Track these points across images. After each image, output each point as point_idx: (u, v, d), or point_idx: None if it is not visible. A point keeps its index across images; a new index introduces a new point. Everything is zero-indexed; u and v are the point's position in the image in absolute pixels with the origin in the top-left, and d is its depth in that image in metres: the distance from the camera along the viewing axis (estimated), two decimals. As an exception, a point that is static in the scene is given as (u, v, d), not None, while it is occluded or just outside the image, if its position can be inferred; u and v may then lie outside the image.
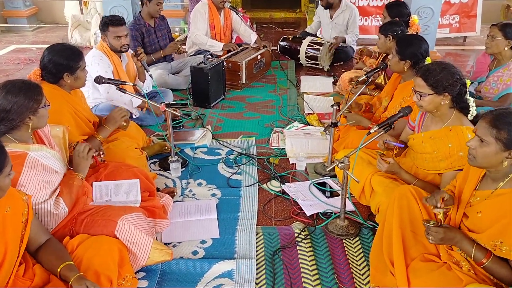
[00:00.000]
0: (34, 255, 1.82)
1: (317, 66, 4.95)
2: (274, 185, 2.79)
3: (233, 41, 5.10)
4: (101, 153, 2.28)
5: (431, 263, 1.87)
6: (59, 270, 1.72)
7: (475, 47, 5.97)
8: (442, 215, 1.74)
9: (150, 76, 3.39)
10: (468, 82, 2.19)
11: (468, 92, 2.19)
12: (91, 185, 2.29)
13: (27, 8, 7.01)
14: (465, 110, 2.21)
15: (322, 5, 5.08)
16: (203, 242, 2.28)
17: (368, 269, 2.07)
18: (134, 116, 3.37)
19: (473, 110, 2.15)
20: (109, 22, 3.20)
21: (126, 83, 2.83)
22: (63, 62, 2.39)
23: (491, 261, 1.68)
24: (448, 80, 2.11)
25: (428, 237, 1.74)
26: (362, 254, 2.21)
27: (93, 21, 5.94)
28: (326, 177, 2.85)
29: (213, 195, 2.69)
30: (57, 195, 2.00)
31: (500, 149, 1.64)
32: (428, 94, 2.14)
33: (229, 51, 4.62)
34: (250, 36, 4.81)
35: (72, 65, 2.41)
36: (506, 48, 3.18)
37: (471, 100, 2.21)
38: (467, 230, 1.79)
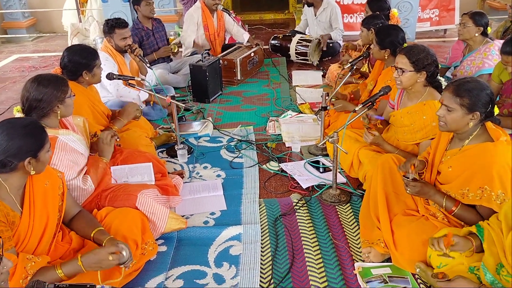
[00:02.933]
0: (68, 225, 2.10)
1: (307, 62, 5.26)
2: (272, 165, 3.09)
3: (227, 41, 5.40)
4: (116, 138, 2.57)
5: (411, 216, 2.19)
6: (92, 234, 2.00)
7: (455, 39, 6.25)
8: (412, 178, 2.03)
9: (150, 68, 3.66)
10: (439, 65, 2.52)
11: (444, 77, 2.52)
12: (109, 168, 2.58)
13: (26, 19, 7.27)
14: (438, 88, 2.53)
15: (304, 2, 5.39)
16: (212, 213, 2.57)
17: (358, 228, 2.37)
18: (140, 108, 3.66)
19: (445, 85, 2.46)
20: (115, 25, 3.49)
21: (134, 78, 3.12)
22: (82, 61, 2.70)
23: (460, 209, 1.99)
24: (427, 59, 2.43)
25: (406, 189, 2.04)
26: (353, 217, 2.51)
27: (92, 28, 6.21)
28: (319, 156, 3.15)
29: (218, 176, 2.99)
30: (85, 174, 2.29)
31: (464, 113, 1.94)
32: (409, 71, 2.45)
33: (223, 49, 4.90)
34: (243, 36, 5.11)
35: (90, 63, 2.72)
36: (476, 34, 3.51)
37: (442, 80, 2.54)
38: (440, 184, 2.10)
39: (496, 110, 1.98)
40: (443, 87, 2.51)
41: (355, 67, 3.36)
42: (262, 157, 3.21)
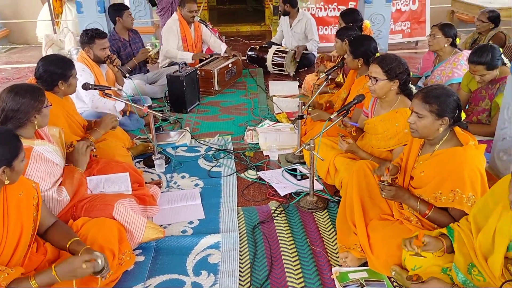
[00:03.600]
0: (43, 236, 2.06)
1: (283, 73, 5.33)
2: (250, 174, 3.11)
3: (204, 52, 5.43)
4: (93, 148, 2.55)
5: (386, 221, 2.24)
6: (68, 245, 1.97)
7: (427, 50, 6.46)
8: (387, 182, 2.09)
9: (130, 78, 3.65)
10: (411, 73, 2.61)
11: (416, 87, 2.61)
12: (85, 178, 2.55)
13: (-2, 30, 7.16)
14: (410, 96, 2.61)
15: (280, 12, 5.48)
16: (190, 222, 2.57)
17: (335, 234, 2.40)
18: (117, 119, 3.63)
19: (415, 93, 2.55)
20: (96, 35, 3.48)
21: (111, 88, 3.11)
22: (57, 70, 2.68)
23: (433, 212, 2.05)
24: (399, 68, 2.51)
25: (381, 193, 2.09)
26: (330, 223, 2.55)
27: (67, 39, 6.15)
28: (297, 164, 3.19)
29: (196, 185, 2.99)
30: (60, 185, 2.26)
31: (434, 118, 2.02)
32: (382, 80, 2.52)
33: (201, 60, 4.94)
34: (220, 47, 5.16)
35: (66, 73, 2.71)
36: (445, 45, 3.64)
37: (413, 88, 2.63)
38: (413, 189, 2.16)
39: (463, 115, 2.06)
40: (414, 94, 2.60)
41: (330, 77, 3.44)
42: (240, 166, 3.23)
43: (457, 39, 3.71)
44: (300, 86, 4.91)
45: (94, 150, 2.55)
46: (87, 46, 3.50)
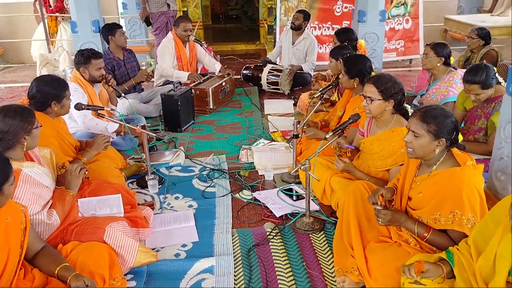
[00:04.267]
0: (31, 262, 2.00)
1: (278, 91, 5.33)
2: (245, 194, 3.06)
3: (199, 71, 5.43)
4: (85, 171, 2.50)
5: (384, 243, 2.18)
6: (56, 271, 1.90)
7: (420, 68, 6.53)
8: (381, 206, 2.06)
9: (124, 97, 3.63)
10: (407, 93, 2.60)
11: (411, 105, 2.60)
12: (76, 201, 2.49)
13: (-7, 49, 7.14)
14: (405, 116, 2.60)
15: (291, 27, 5.47)
16: (184, 245, 2.51)
17: (332, 257, 2.34)
18: (111, 139, 3.59)
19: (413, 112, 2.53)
20: (92, 56, 3.48)
21: (104, 108, 3.07)
22: (51, 91, 2.65)
23: (432, 234, 2.01)
24: (394, 88, 2.50)
25: (378, 219, 2.05)
26: (327, 245, 2.49)
27: (61, 59, 6.13)
28: (292, 184, 3.14)
29: (190, 206, 2.93)
30: (50, 208, 2.20)
31: (431, 139, 1.99)
32: (377, 99, 2.51)
33: (194, 80, 4.93)
34: (215, 66, 5.16)
35: (59, 94, 2.68)
36: (438, 64, 3.65)
37: (408, 107, 2.61)
38: (412, 210, 2.12)
39: (460, 138, 2.04)
40: (409, 114, 2.58)
41: (325, 95, 3.42)
42: (235, 186, 3.18)
43: (451, 58, 3.72)
44: (295, 105, 4.90)
45: (87, 172, 2.50)
46: (82, 66, 3.48)
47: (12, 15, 7.29)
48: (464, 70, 3.70)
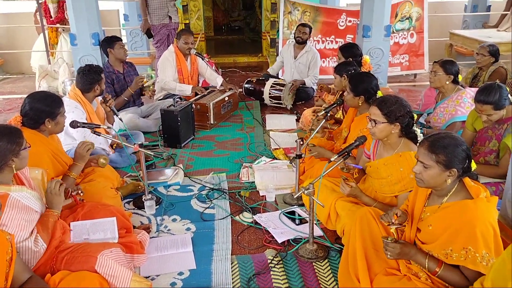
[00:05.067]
0: (16, 294, 1.88)
1: (281, 106, 5.22)
2: (246, 217, 2.93)
3: (200, 85, 5.33)
4: (79, 192, 2.38)
5: (393, 276, 2.05)
6: (43, 305, 1.78)
7: (425, 83, 6.44)
8: (394, 229, 1.94)
9: (120, 119, 3.54)
10: (415, 115, 2.48)
11: (417, 123, 2.48)
12: (69, 225, 2.37)
13: (-8, 59, 7.07)
14: (414, 140, 2.48)
15: (296, 39, 5.39)
16: (180, 273, 2.38)
17: (337, 288, 2.22)
18: (109, 155, 3.48)
19: (420, 140, 2.41)
20: (100, 71, 3.46)
21: (100, 126, 2.97)
22: (45, 108, 2.54)
23: (443, 269, 1.88)
24: (400, 111, 2.38)
25: (386, 253, 1.93)
26: (331, 275, 2.36)
27: (61, 71, 6.05)
28: (295, 206, 3.02)
29: (188, 229, 2.80)
30: (36, 233, 2.07)
31: (441, 170, 1.87)
32: (382, 122, 2.39)
33: (196, 93, 4.83)
34: (216, 80, 5.06)
35: (53, 111, 2.57)
36: (447, 82, 3.54)
37: (418, 131, 2.49)
38: (421, 243, 1.99)
39: (474, 166, 1.92)
40: (418, 138, 2.47)
41: (329, 114, 3.31)
42: (235, 208, 3.05)
43: (460, 76, 3.61)
44: (297, 120, 4.79)
45: (81, 194, 2.37)
46: (96, 84, 3.42)
47: (12, 26, 7.22)
48: (473, 89, 3.62)
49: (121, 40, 4.42)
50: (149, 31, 5.78)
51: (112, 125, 3.71)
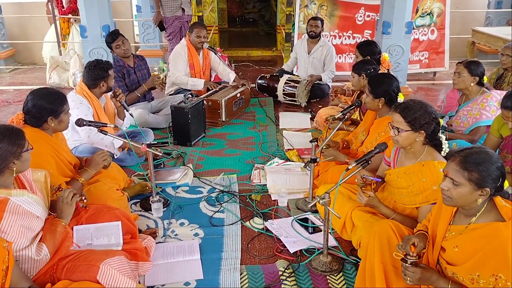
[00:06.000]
0: (14, 305, 1.78)
1: (295, 103, 5.07)
2: (257, 222, 2.81)
3: (212, 79, 5.20)
4: (83, 198, 2.27)
5: (413, 297, 1.91)
6: (40, 319, 1.69)
7: (445, 82, 6.23)
8: (410, 262, 1.79)
9: (131, 115, 3.43)
10: (441, 121, 2.32)
11: (441, 128, 2.31)
12: (72, 229, 2.27)
13: (4, 50, 6.98)
14: (438, 147, 2.31)
15: (309, 34, 5.23)
16: (186, 284, 2.27)
17: (353, 305, 2.09)
18: (115, 157, 3.37)
19: (445, 148, 2.26)
20: (109, 67, 3.33)
21: (107, 125, 2.85)
22: (48, 106, 2.43)
23: (468, 296, 1.73)
24: (425, 118, 2.22)
25: (405, 278, 1.79)
26: (346, 290, 2.23)
27: (72, 62, 5.97)
28: (308, 213, 2.88)
29: (196, 234, 2.69)
30: (40, 241, 1.98)
31: (473, 188, 1.71)
32: (406, 130, 2.24)
33: (208, 89, 4.70)
34: (229, 75, 4.92)
35: (57, 109, 2.46)
36: (472, 84, 3.35)
37: (443, 138, 2.32)
38: (446, 263, 1.84)
39: (506, 184, 1.76)
40: (443, 146, 2.31)
41: (346, 116, 3.16)
42: (246, 212, 2.93)
43: (485, 77, 3.42)
44: (312, 119, 4.63)
45: (85, 200, 2.27)
46: (102, 80, 3.29)
47: (24, 16, 7.15)
48: (499, 92, 3.43)
49: (120, 37, 4.21)
50: (162, 23, 5.65)
51: (123, 120, 3.61)
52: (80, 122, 2.77)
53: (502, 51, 4.20)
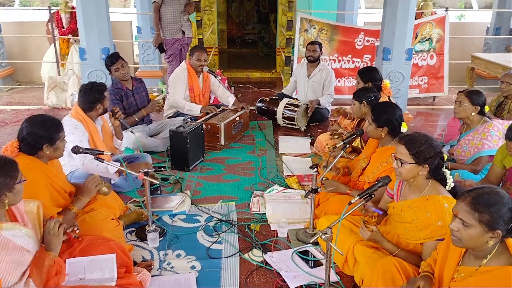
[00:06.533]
0: None
1: (294, 127, 5.04)
2: (256, 255, 2.73)
3: (211, 101, 5.17)
4: (75, 229, 2.20)
5: None
6: None
7: (444, 107, 6.22)
8: None
9: (131, 131, 3.38)
10: (445, 156, 2.27)
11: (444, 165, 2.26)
12: (65, 261, 2.19)
13: (3, 69, 6.94)
14: (442, 181, 2.26)
15: (307, 59, 5.22)
16: (182, 321, 2.18)
17: None
18: (112, 182, 3.31)
19: (450, 182, 2.21)
20: (105, 88, 3.27)
21: (104, 153, 2.79)
22: (43, 133, 2.39)
23: None
24: (429, 152, 2.18)
25: None
26: (348, 330, 2.14)
27: (70, 82, 5.94)
28: (309, 245, 2.80)
29: (193, 267, 2.60)
30: (27, 276, 1.89)
31: (484, 230, 1.66)
32: (409, 163, 2.19)
33: (207, 113, 4.66)
34: (228, 99, 4.90)
35: (52, 136, 2.42)
36: (473, 113, 3.32)
37: (447, 173, 2.27)
38: (453, 306, 1.77)
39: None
40: (447, 181, 2.25)
41: (347, 146, 3.11)
42: (244, 243, 2.85)
43: (486, 107, 3.39)
44: (312, 144, 4.59)
45: (77, 231, 2.19)
46: (98, 103, 3.24)
47: (24, 35, 7.14)
48: (501, 121, 3.41)
49: (119, 61, 4.15)
50: (161, 45, 5.65)
51: (121, 140, 3.55)
52: (76, 150, 2.71)
53: (502, 79, 4.19)
